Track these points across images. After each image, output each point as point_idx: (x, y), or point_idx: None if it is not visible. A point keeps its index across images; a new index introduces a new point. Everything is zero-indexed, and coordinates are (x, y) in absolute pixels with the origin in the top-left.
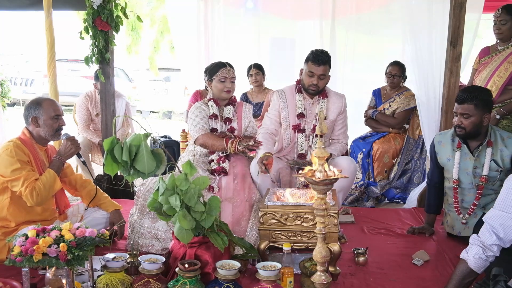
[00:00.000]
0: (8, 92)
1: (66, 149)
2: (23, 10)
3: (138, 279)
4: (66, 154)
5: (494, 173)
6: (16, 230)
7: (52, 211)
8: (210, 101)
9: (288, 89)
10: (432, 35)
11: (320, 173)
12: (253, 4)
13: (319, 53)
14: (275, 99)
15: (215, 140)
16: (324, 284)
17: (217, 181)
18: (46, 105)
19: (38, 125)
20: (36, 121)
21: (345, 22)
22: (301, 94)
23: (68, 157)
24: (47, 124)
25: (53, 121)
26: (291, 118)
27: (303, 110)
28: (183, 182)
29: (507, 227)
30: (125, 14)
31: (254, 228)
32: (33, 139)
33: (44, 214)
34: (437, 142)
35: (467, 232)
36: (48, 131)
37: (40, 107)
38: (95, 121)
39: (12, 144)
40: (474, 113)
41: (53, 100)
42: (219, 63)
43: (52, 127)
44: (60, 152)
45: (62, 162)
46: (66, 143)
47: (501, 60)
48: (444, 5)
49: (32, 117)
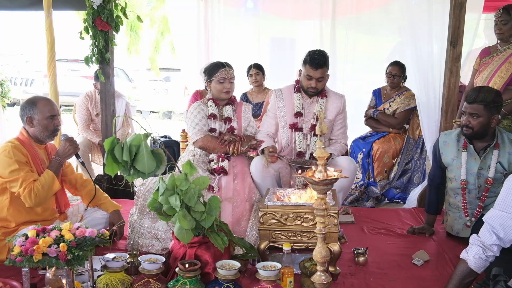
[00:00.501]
0: (8, 92)
1: (65, 149)
2: (23, 10)
3: (138, 279)
4: (65, 154)
5: (498, 175)
6: (16, 231)
7: (52, 211)
8: (210, 101)
9: (286, 89)
10: (432, 35)
11: (320, 173)
12: (253, 4)
13: (316, 56)
14: (273, 98)
15: (215, 143)
16: (324, 284)
17: (217, 180)
18: (41, 105)
19: (33, 125)
20: (31, 121)
21: (345, 22)
22: (299, 93)
23: (66, 157)
24: (42, 124)
25: (48, 122)
26: (288, 117)
27: (301, 109)
28: (183, 182)
29: (507, 227)
30: (125, 14)
31: (254, 228)
32: (31, 138)
33: (44, 214)
34: (441, 142)
35: (465, 233)
36: (43, 132)
37: (35, 107)
38: (95, 121)
39: (10, 145)
40: (483, 113)
41: (48, 99)
42: (217, 63)
43: (47, 127)
44: (58, 152)
45: (60, 163)
46: (64, 144)
47: (502, 60)
48: (444, 5)
49: (27, 117)
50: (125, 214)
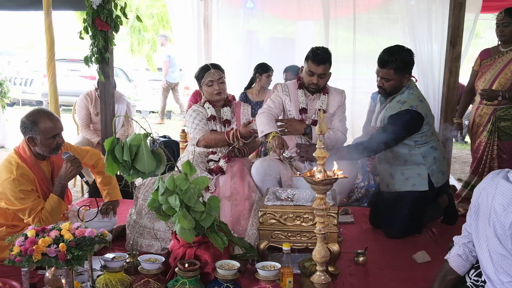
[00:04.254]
0: (8, 92)
1: (67, 171)
2: (23, 10)
3: (138, 279)
4: (67, 177)
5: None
6: (23, 230)
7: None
8: (206, 103)
9: (292, 84)
10: (432, 35)
11: (320, 173)
12: (253, 4)
13: (319, 52)
14: (280, 90)
15: (216, 135)
16: (323, 284)
17: (214, 180)
18: (43, 125)
19: (35, 144)
20: (33, 140)
21: (345, 22)
22: (302, 90)
23: (69, 179)
24: (44, 144)
25: (50, 141)
26: (294, 112)
27: (305, 105)
28: (183, 182)
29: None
30: (125, 14)
31: (254, 227)
32: (33, 155)
33: None
34: None
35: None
36: (45, 150)
37: (36, 127)
38: (94, 120)
39: (15, 172)
40: (394, 77)
41: (50, 116)
42: (204, 66)
43: (50, 146)
44: (61, 176)
45: (64, 186)
46: (66, 166)
47: (505, 62)
48: (443, 5)
49: (28, 137)
50: (124, 214)
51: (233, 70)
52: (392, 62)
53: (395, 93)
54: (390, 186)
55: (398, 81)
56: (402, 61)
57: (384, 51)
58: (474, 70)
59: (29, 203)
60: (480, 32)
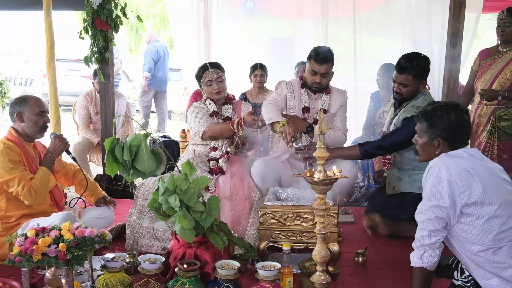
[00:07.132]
0: (8, 92)
1: (55, 146)
2: (23, 10)
3: (138, 279)
4: (56, 151)
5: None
6: (18, 224)
7: (50, 205)
8: (207, 100)
9: (296, 82)
10: (432, 35)
11: (320, 173)
12: (253, 4)
13: (321, 51)
14: (284, 87)
15: (221, 125)
16: (323, 284)
17: (214, 180)
18: (31, 101)
19: (22, 120)
20: (21, 116)
21: (345, 22)
22: (305, 89)
23: (57, 154)
24: (31, 120)
25: (38, 118)
26: (297, 110)
27: (308, 104)
28: (183, 182)
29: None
30: (125, 14)
31: (254, 226)
32: (20, 137)
33: (43, 206)
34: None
35: None
36: (32, 127)
37: (25, 103)
38: (94, 120)
39: (2, 146)
40: (412, 83)
41: (38, 97)
42: (202, 66)
43: (37, 123)
44: (49, 149)
45: (52, 159)
46: (54, 141)
47: (505, 62)
48: (443, 5)
49: (17, 112)
50: (124, 214)
51: (233, 70)
52: (411, 68)
53: (410, 99)
54: (396, 188)
55: (415, 87)
56: (420, 68)
57: (403, 57)
58: (473, 70)
59: (17, 172)
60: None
